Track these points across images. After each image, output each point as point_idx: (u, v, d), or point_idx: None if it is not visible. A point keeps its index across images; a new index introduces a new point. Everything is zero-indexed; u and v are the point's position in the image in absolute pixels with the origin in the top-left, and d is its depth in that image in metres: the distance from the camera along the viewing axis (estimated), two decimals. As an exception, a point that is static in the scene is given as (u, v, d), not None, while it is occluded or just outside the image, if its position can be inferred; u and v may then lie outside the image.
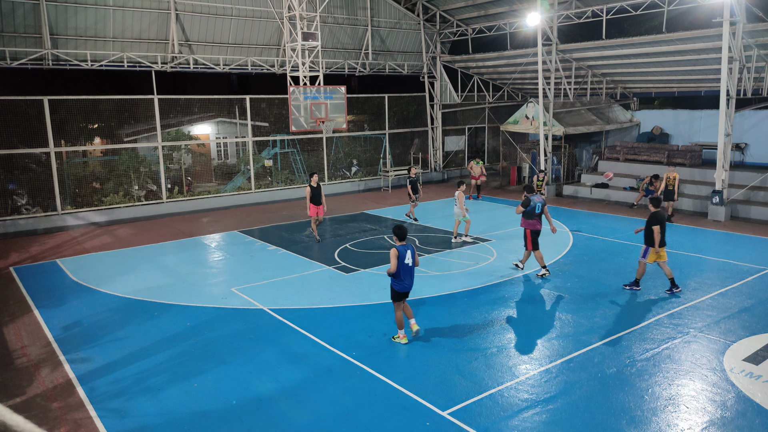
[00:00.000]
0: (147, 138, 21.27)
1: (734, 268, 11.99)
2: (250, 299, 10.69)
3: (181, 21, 19.26)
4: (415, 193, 17.05)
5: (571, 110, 22.51)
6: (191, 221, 18.20)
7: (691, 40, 17.30)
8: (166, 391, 7.39)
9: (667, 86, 22.25)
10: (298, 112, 18.87)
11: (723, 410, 6.69)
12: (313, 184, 14.86)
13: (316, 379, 7.62)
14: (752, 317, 9.37)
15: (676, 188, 16.54)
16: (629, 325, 9.14)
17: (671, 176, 16.57)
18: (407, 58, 25.32)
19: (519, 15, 21.17)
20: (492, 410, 6.76)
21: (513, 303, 10.30)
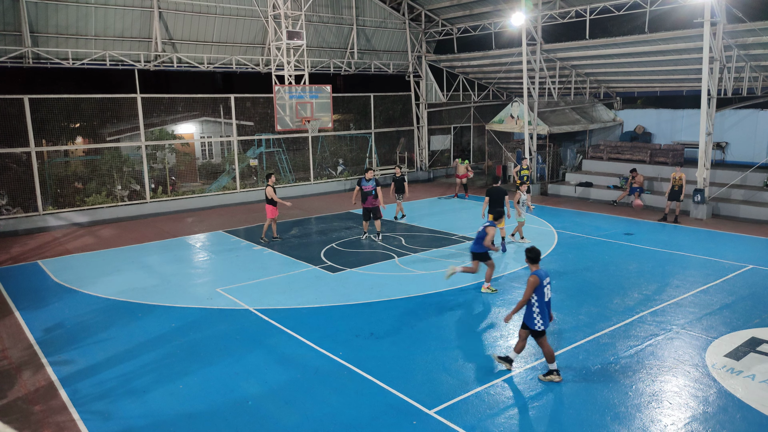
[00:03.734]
0: (130, 137, 21.05)
1: (716, 266, 12.17)
2: (236, 300, 10.62)
3: (164, 19, 19.07)
4: (401, 193, 17.07)
5: (556, 110, 22.68)
6: (175, 221, 18.04)
7: (672, 40, 17.52)
8: (151, 393, 7.32)
9: (650, 86, 22.51)
10: (284, 112, 18.78)
11: (705, 406, 6.79)
12: (271, 184, 14.58)
13: (302, 379, 7.60)
14: (733, 314, 9.52)
15: (683, 189, 16.13)
16: (613, 323, 9.24)
17: (677, 176, 16.18)
18: (393, 57, 25.32)
19: (504, 15, 21.27)
20: (478, 408, 6.80)
21: (499, 301, 10.35)
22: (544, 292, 7.18)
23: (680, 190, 16.14)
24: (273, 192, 14.52)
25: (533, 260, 7.36)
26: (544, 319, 7.24)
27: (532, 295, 7.16)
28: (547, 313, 7.27)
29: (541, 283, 7.15)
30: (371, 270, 12.33)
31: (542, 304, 7.19)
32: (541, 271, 7.27)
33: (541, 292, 7.15)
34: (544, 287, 7.19)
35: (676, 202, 16.32)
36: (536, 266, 7.33)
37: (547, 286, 7.28)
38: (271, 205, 14.58)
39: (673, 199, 16.31)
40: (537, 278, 7.13)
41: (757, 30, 15.52)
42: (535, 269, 7.28)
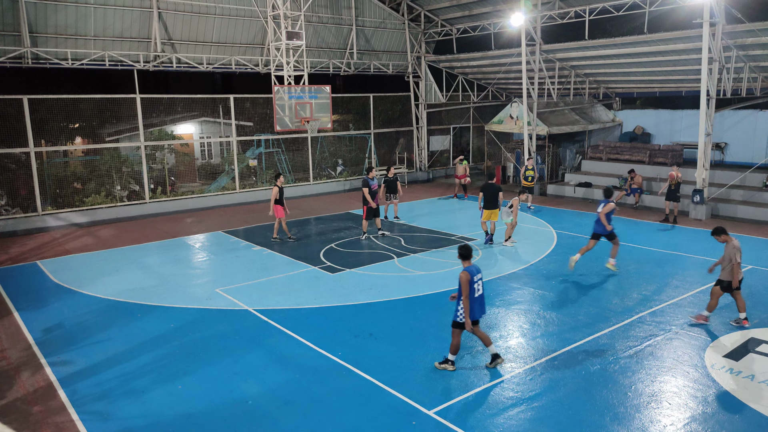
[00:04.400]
0: (129, 138, 21.04)
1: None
2: (235, 300, 10.62)
3: (163, 19, 19.07)
4: (394, 193, 16.99)
5: (555, 110, 22.69)
6: (175, 221, 18.03)
7: (672, 40, 17.53)
8: (150, 394, 7.32)
9: (649, 86, 22.52)
10: (283, 112, 18.78)
11: (704, 406, 6.79)
12: (279, 185, 14.67)
13: (302, 379, 7.60)
14: (733, 314, 9.51)
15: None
16: (613, 323, 9.24)
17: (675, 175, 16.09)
18: (392, 57, 25.33)
19: (503, 15, 21.27)
20: (478, 409, 6.79)
21: (497, 302, 10.35)
22: (474, 288, 7.45)
23: (677, 188, 16.12)
24: (276, 193, 14.54)
25: (465, 257, 7.63)
26: (471, 311, 7.46)
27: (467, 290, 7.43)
28: (475, 308, 7.50)
29: (472, 279, 7.42)
30: (370, 270, 12.33)
31: (471, 298, 7.44)
32: (473, 267, 7.55)
33: (471, 287, 7.41)
34: (474, 283, 7.45)
35: (674, 202, 16.27)
36: (468, 262, 7.60)
37: (477, 282, 7.54)
38: (279, 204, 14.61)
39: (671, 200, 16.27)
40: (468, 274, 7.40)
41: (756, 31, 15.53)
42: (467, 265, 7.55)
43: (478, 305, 7.55)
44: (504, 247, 14.02)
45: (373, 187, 14.91)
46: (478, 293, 7.53)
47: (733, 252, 8.78)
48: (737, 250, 8.78)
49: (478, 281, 7.57)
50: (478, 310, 7.57)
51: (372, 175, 15.18)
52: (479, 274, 7.61)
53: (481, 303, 7.62)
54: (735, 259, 8.76)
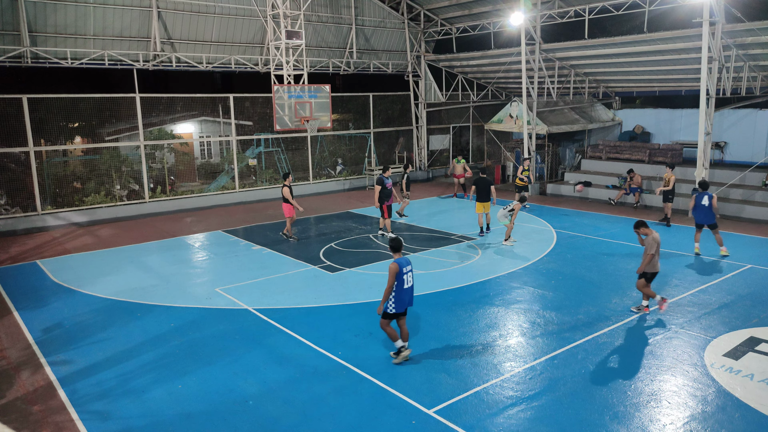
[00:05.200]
0: (129, 137, 21.03)
1: (714, 265, 12.19)
2: (235, 299, 10.62)
3: (163, 19, 19.06)
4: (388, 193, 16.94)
5: (555, 109, 22.69)
6: (174, 221, 18.03)
7: (671, 40, 17.52)
8: (150, 393, 7.32)
9: (649, 86, 22.52)
10: (283, 111, 18.78)
11: (704, 405, 6.80)
12: (288, 184, 14.77)
13: (302, 379, 7.60)
14: (732, 313, 9.53)
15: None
16: (612, 322, 9.25)
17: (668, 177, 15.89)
18: (392, 57, 25.32)
19: (503, 14, 21.27)
20: (477, 408, 6.80)
21: (498, 301, 10.36)
22: (403, 279, 7.66)
23: (673, 189, 16.02)
24: (289, 192, 14.60)
25: (395, 249, 7.84)
26: (398, 303, 7.70)
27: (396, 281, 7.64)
28: (404, 299, 7.74)
29: (401, 271, 7.63)
30: (370, 269, 12.33)
31: (400, 290, 7.67)
32: (402, 259, 7.75)
33: (400, 278, 7.63)
34: (403, 274, 7.66)
35: (669, 203, 16.05)
36: (398, 254, 7.81)
37: (407, 274, 7.73)
38: (288, 204, 14.68)
39: (667, 201, 16.01)
40: (397, 265, 7.61)
41: (756, 30, 15.53)
42: (397, 257, 7.74)
43: (407, 296, 7.81)
44: (503, 246, 14.03)
45: (387, 186, 14.94)
46: (407, 285, 7.78)
47: (650, 244, 9.34)
48: (655, 242, 9.31)
49: (408, 273, 7.79)
50: (407, 300, 7.83)
51: (388, 174, 15.26)
52: (409, 266, 7.83)
53: (410, 294, 7.87)
54: (649, 250, 9.31)
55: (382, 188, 14.82)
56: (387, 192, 14.88)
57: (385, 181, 14.91)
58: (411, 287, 7.85)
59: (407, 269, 7.77)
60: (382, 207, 14.93)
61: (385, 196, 14.86)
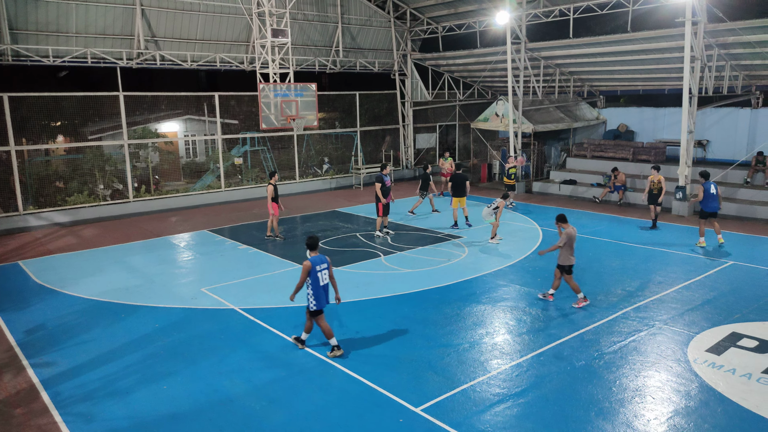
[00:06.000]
0: (112, 136, 20.80)
1: (697, 262, 12.34)
2: (221, 299, 10.55)
3: (146, 16, 18.87)
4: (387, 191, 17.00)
5: (540, 108, 22.82)
6: (159, 221, 17.87)
7: (654, 39, 17.70)
8: (135, 394, 7.25)
9: (632, 84, 22.73)
10: (269, 110, 18.68)
11: (687, 400, 6.88)
12: (274, 183, 14.65)
13: (288, 378, 7.58)
14: (714, 309, 9.66)
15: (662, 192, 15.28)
16: (597, 319, 9.32)
17: (656, 180, 15.30)
18: (378, 55, 25.30)
19: (488, 13, 21.35)
20: (464, 405, 6.82)
21: (484, 299, 10.40)
22: (317, 277, 7.91)
23: (659, 193, 15.27)
24: (271, 191, 14.52)
25: (310, 247, 8.11)
26: (318, 300, 7.98)
27: (307, 279, 7.91)
28: (322, 295, 8.01)
29: (314, 269, 7.88)
30: (357, 268, 12.32)
31: (316, 287, 7.93)
32: (317, 257, 8.00)
33: (314, 276, 7.88)
34: (317, 272, 7.90)
35: (655, 206, 15.48)
36: (314, 253, 8.07)
37: (321, 272, 7.96)
38: (275, 202, 14.60)
39: (653, 203, 15.45)
40: (309, 264, 7.87)
41: (737, 29, 15.74)
42: (312, 255, 8.01)
43: (324, 294, 8.02)
44: (490, 244, 14.09)
45: (386, 184, 14.93)
46: (323, 282, 7.99)
47: (563, 238, 9.72)
48: (568, 237, 9.69)
49: (322, 271, 7.99)
50: (324, 298, 8.05)
51: (387, 171, 15.25)
52: (324, 264, 8.03)
53: (326, 292, 8.08)
54: (559, 243, 9.76)
55: (382, 185, 14.79)
56: (386, 189, 14.86)
57: (384, 179, 14.90)
58: (327, 284, 8.09)
59: (321, 267, 7.98)
60: (377, 205, 14.90)
61: (384, 193, 14.83)
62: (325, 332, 8.20)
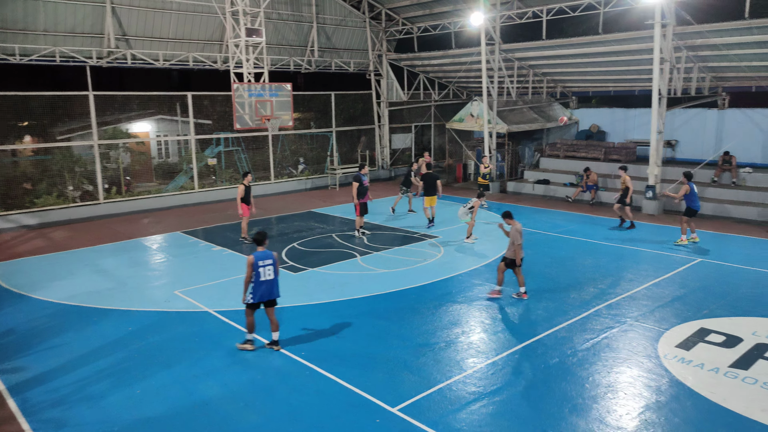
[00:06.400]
0: (82, 136, 20.38)
1: (667, 259, 12.61)
2: (195, 302, 10.43)
3: (117, 15, 18.54)
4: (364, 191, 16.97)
5: (514, 108, 23.07)
6: (131, 222, 17.58)
7: (625, 41, 18.04)
8: (108, 399, 7.12)
9: (604, 85, 23.12)
10: (243, 110, 18.52)
11: (658, 395, 7.03)
12: (246, 183, 14.41)
13: (263, 380, 7.53)
14: (684, 305, 9.89)
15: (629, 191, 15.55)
16: (571, 316, 9.47)
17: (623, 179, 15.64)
18: (353, 55, 25.28)
19: (463, 15, 21.50)
20: (441, 404, 6.86)
21: (460, 298, 10.47)
22: (259, 272, 8.02)
23: (626, 193, 15.54)
24: (241, 191, 14.27)
25: (257, 242, 8.27)
26: (254, 293, 8.09)
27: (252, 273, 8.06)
28: (261, 290, 8.09)
29: (256, 263, 8.00)
30: (333, 269, 12.30)
31: (256, 281, 8.05)
32: (261, 252, 8.12)
33: (256, 271, 8.01)
34: (259, 267, 8.02)
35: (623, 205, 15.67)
36: (261, 248, 8.20)
37: (264, 267, 8.07)
38: (244, 203, 14.37)
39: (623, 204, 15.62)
40: (252, 258, 8.02)
41: (705, 32, 16.13)
42: (259, 250, 8.15)
43: (264, 288, 8.11)
44: (465, 244, 14.19)
45: (364, 183, 14.90)
46: (265, 278, 8.09)
47: (515, 234, 9.95)
48: (519, 232, 9.96)
49: (267, 266, 8.10)
50: (264, 292, 8.12)
51: (365, 171, 15.24)
52: (269, 260, 8.13)
53: (269, 286, 8.14)
54: (516, 241, 9.93)
55: (360, 185, 14.76)
56: (363, 189, 14.83)
57: (362, 179, 14.87)
58: (271, 280, 8.14)
59: (265, 263, 8.08)
60: (356, 204, 14.85)
61: (361, 193, 14.80)
62: (248, 325, 8.32)
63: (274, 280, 8.20)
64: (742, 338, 8.51)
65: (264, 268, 8.08)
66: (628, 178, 15.75)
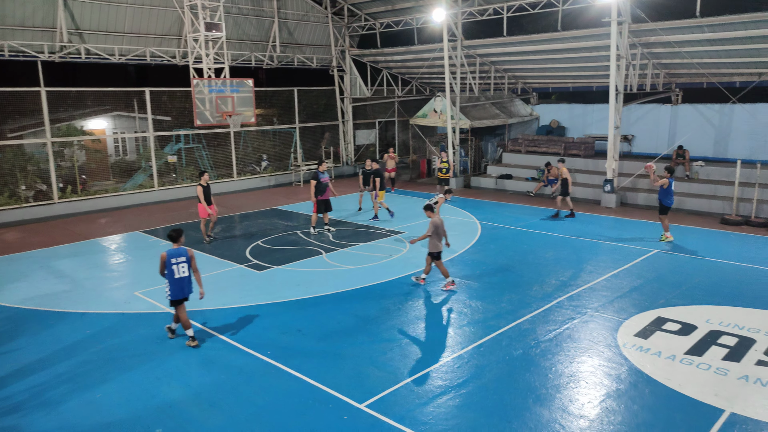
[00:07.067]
0: (34, 134, 19.64)
1: (624, 251, 12.97)
2: (156, 303, 10.20)
3: (69, 8, 17.92)
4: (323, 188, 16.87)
5: (477, 104, 23.31)
6: (88, 222, 17.06)
7: (583, 38, 18.44)
8: (67, 404, 6.90)
9: (563, 82, 23.58)
10: (203, 106, 18.17)
11: (618, 383, 7.23)
12: (204, 183, 14.00)
13: (228, 381, 7.42)
14: (641, 295, 10.19)
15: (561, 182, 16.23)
16: (533, 309, 9.64)
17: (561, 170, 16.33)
18: (316, 51, 25.09)
19: (425, 11, 21.59)
20: (408, 399, 6.90)
21: (425, 293, 10.54)
22: (172, 269, 8.16)
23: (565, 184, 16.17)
24: (200, 192, 13.90)
25: (171, 239, 8.35)
26: (172, 291, 8.21)
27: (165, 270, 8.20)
28: (178, 287, 8.22)
29: (168, 260, 8.15)
30: (298, 266, 12.21)
31: (171, 278, 8.18)
32: (175, 249, 8.25)
33: (170, 268, 8.15)
34: (171, 264, 8.15)
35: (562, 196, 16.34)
36: (176, 245, 8.30)
37: (177, 264, 8.20)
38: (203, 204, 14.00)
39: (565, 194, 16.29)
40: (165, 255, 8.18)
41: (658, 30, 16.62)
42: (174, 247, 8.26)
43: (178, 286, 8.21)
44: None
45: (323, 181, 14.75)
46: (178, 275, 8.20)
47: (430, 227, 10.30)
48: (433, 225, 10.28)
49: (180, 263, 8.21)
50: (178, 290, 8.24)
51: (323, 168, 15.05)
52: (181, 257, 8.24)
53: (181, 284, 8.24)
54: (427, 233, 10.29)
55: (318, 183, 14.66)
56: (322, 187, 14.73)
57: (320, 176, 14.74)
58: (185, 278, 8.25)
59: (177, 260, 8.18)
60: (314, 201, 14.77)
61: (319, 191, 14.70)
62: (182, 323, 8.39)
63: (189, 277, 8.31)
64: (697, 326, 8.82)
65: (177, 265, 8.17)
66: (566, 170, 16.46)
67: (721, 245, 13.29)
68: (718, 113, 19.29)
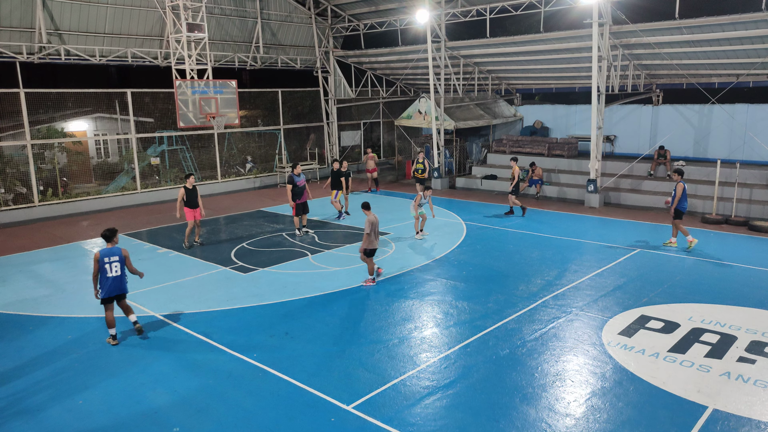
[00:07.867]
0: (13, 136, 19.32)
1: (608, 250, 13.10)
2: (140, 306, 10.07)
3: (48, 8, 17.66)
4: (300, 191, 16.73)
5: (461, 105, 23.40)
6: (69, 225, 16.81)
7: (565, 39, 18.60)
8: (47, 411, 6.78)
9: (546, 83, 23.77)
10: (186, 107, 18.01)
11: (603, 381, 7.29)
12: (189, 186, 13.73)
13: (215, 385, 7.35)
14: (625, 294, 10.30)
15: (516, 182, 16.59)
16: (519, 308, 9.69)
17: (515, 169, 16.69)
18: (300, 52, 25.01)
19: (409, 12, 21.63)
20: (395, 400, 6.89)
21: (412, 294, 10.54)
22: (104, 268, 8.34)
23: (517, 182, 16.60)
24: (181, 194, 13.63)
25: (105, 238, 8.52)
26: (103, 289, 8.40)
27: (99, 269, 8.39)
28: (108, 286, 8.40)
29: (101, 259, 8.32)
30: (284, 269, 12.14)
31: (103, 277, 8.36)
32: (108, 249, 8.44)
33: (102, 267, 8.33)
34: (104, 264, 8.33)
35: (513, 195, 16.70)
36: (110, 244, 8.51)
37: (110, 264, 8.37)
38: (188, 207, 13.73)
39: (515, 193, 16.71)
40: (98, 254, 8.35)
41: (638, 31, 16.82)
42: (107, 247, 8.46)
43: (112, 284, 8.41)
44: (416, 240, 14.30)
45: (299, 184, 14.68)
46: (111, 274, 8.38)
47: (366, 224, 10.67)
48: (369, 223, 10.63)
49: (112, 263, 8.39)
50: (112, 288, 8.43)
51: (297, 171, 14.98)
52: (114, 256, 8.42)
53: (115, 282, 8.44)
54: (366, 230, 10.67)
55: (294, 186, 14.61)
56: (298, 190, 14.69)
57: (296, 179, 14.67)
58: (118, 276, 8.43)
59: (110, 259, 8.35)
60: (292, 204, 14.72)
61: (296, 194, 14.66)
62: (108, 322, 8.51)
63: (121, 276, 8.48)
64: (679, 324, 8.93)
65: (110, 264, 8.33)
66: (518, 169, 16.90)
67: (701, 244, 13.48)
68: (697, 114, 19.58)
